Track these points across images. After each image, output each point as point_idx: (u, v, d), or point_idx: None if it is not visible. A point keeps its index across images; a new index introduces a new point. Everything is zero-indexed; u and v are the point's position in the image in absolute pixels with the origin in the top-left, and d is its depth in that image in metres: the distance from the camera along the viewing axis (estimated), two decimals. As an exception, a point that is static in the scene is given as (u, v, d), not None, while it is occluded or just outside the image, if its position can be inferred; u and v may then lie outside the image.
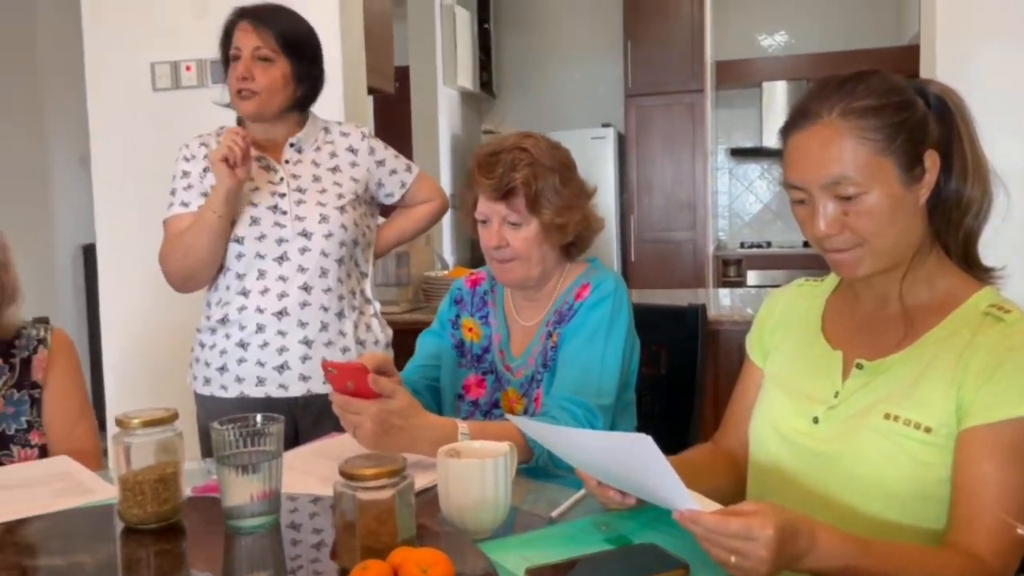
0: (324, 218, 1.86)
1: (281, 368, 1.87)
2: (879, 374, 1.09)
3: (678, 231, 5.56)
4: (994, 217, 1.10)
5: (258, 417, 1.09)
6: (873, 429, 1.06)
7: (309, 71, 1.90)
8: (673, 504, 0.94)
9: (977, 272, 1.12)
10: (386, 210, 2.14)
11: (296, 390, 1.87)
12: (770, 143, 5.86)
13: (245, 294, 1.87)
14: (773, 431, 1.17)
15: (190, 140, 1.96)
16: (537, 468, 1.35)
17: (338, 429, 1.35)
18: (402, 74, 4.42)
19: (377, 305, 2.05)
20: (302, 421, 1.87)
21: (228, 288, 1.89)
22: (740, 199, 6.17)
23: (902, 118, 1.04)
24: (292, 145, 1.92)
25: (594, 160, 5.38)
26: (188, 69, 2.80)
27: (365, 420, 1.23)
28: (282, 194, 1.87)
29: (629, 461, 0.98)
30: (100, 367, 2.97)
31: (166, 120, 2.83)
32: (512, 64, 6.30)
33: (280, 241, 1.85)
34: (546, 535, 1.07)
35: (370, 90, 3.12)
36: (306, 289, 1.86)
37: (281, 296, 1.85)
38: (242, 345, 1.87)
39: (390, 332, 2.06)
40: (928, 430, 1.03)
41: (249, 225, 1.85)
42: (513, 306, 1.64)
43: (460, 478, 1.05)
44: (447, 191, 2.13)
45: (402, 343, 1.98)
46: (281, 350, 1.86)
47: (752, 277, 5.54)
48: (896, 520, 1.05)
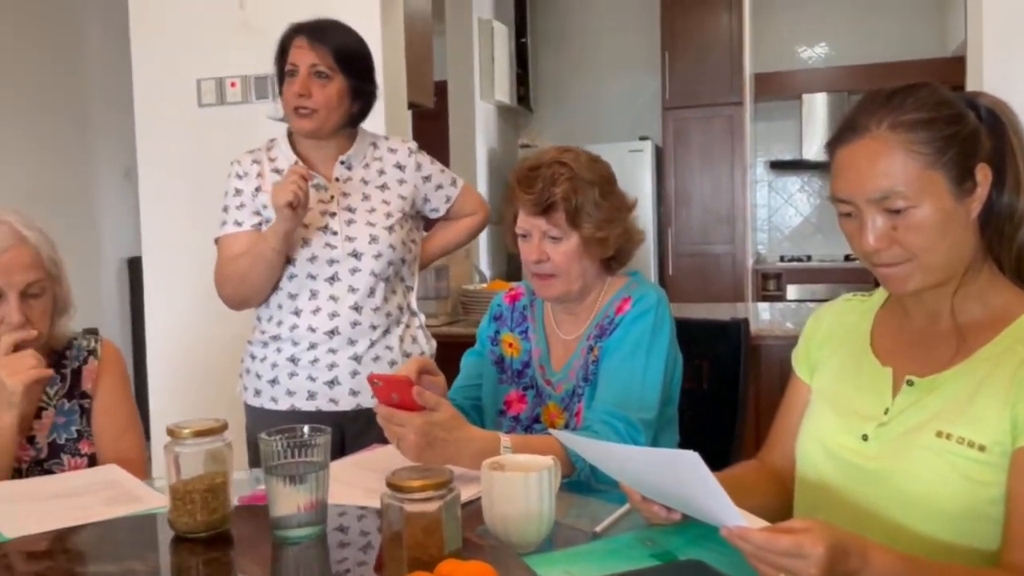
0: (374, 239, 1.87)
1: (331, 383, 1.89)
2: (930, 391, 1.07)
3: (716, 244, 5.52)
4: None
5: (305, 428, 1.10)
6: (924, 447, 1.04)
7: (364, 87, 1.90)
8: (721, 520, 0.93)
9: None
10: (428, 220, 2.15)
11: (346, 404, 1.89)
12: (810, 155, 5.81)
13: (297, 313, 1.88)
14: (820, 448, 1.16)
15: (241, 156, 1.97)
16: (579, 482, 1.34)
17: (382, 441, 1.36)
18: (440, 89, 4.45)
19: (422, 317, 2.06)
20: (349, 432, 1.89)
21: (280, 307, 1.91)
22: (779, 212, 6.11)
23: (953, 131, 1.03)
24: (342, 162, 1.92)
25: (631, 173, 5.37)
26: (233, 85, 2.86)
27: (409, 432, 1.24)
28: (332, 213, 1.89)
29: (675, 477, 0.97)
30: (144, 378, 3.02)
31: (211, 135, 2.89)
32: (549, 78, 6.32)
33: (331, 262, 1.87)
34: (590, 550, 1.06)
35: (410, 105, 3.15)
36: (356, 309, 1.87)
37: (332, 316, 1.87)
38: (293, 360, 1.90)
39: (434, 344, 2.06)
40: (982, 448, 1.01)
41: (301, 246, 1.86)
42: (553, 320, 1.64)
43: (505, 491, 1.05)
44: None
45: (441, 356, 1.98)
46: (331, 366, 1.88)
47: (792, 291, 5.48)
48: (948, 539, 1.03)
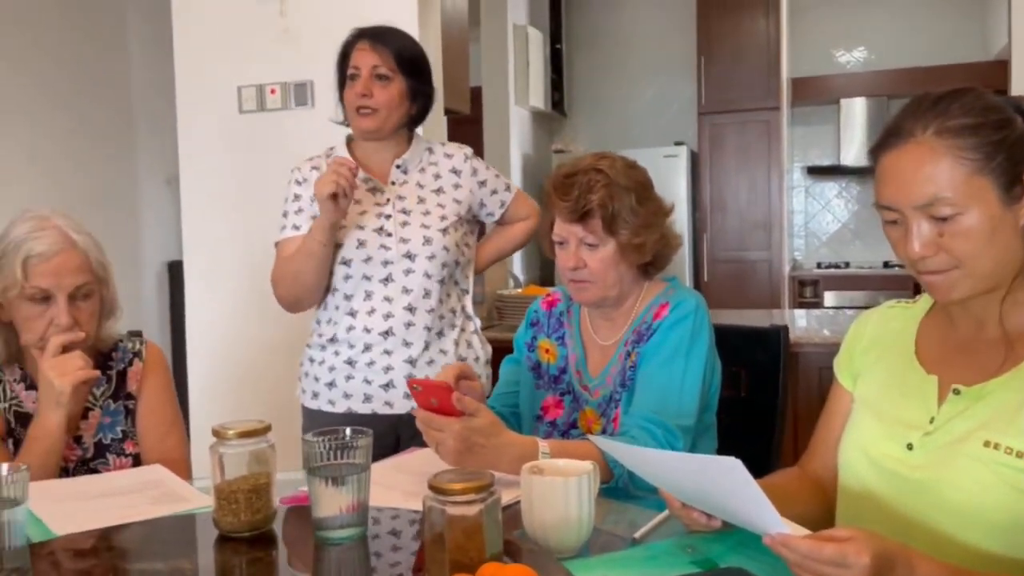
0: (428, 240, 1.90)
1: (387, 386, 1.91)
2: (977, 400, 1.06)
3: (752, 251, 5.47)
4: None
5: (347, 430, 1.11)
6: (972, 457, 1.02)
7: (422, 88, 1.95)
8: (763, 527, 0.93)
9: None
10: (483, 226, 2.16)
11: (400, 407, 1.90)
12: (848, 161, 5.75)
13: (353, 314, 1.92)
14: (864, 456, 1.14)
15: (301, 163, 2.02)
16: (617, 488, 1.34)
17: (422, 444, 1.37)
18: (475, 94, 4.47)
19: (477, 322, 2.06)
20: (404, 435, 1.90)
21: (337, 308, 1.94)
22: (817, 218, 6.05)
23: (1001, 137, 1.01)
24: (398, 166, 1.96)
25: (666, 179, 5.34)
26: (273, 92, 2.89)
27: (448, 437, 1.25)
28: (388, 216, 1.92)
29: (716, 483, 0.97)
30: (184, 380, 3.07)
31: (251, 141, 2.93)
32: (584, 83, 6.32)
33: (385, 263, 1.90)
34: (630, 556, 1.06)
35: (446, 111, 3.17)
36: (410, 310, 1.90)
37: (387, 317, 1.90)
38: (350, 363, 1.92)
39: (489, 349, 2.07)
40: (1031, 459, 0.99)
41: (356, 248, 1.90)
42: (590, 325, 1.64)
43: (544, 495, 1.05)
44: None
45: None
46: (387, 369, 1.91)
47: (829, 298, 5.42)
48: (994, 550, 1.01)
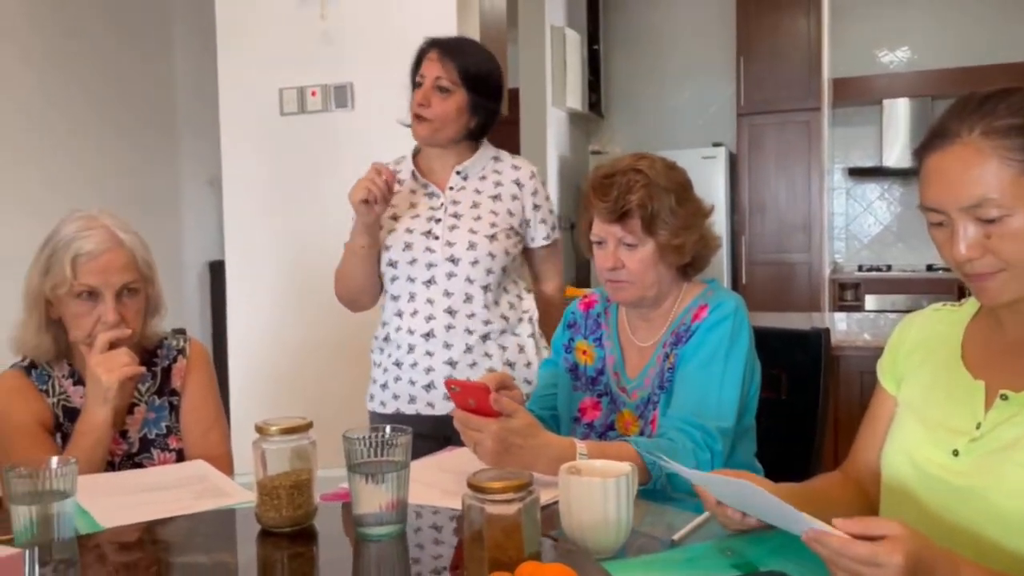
0: (472, 245, 1.91)
1: (428, 387, 1.93)
2: (1026, 405, 1.04)
3: (792, 253, 5.41)
4: None
5: (387, 428, 1.12)
6: (1019, 464, 1.00)
7: (485, 104, 1.96)
8: (796, 527, 0.92)
9: None
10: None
11: (441, 408, 1.91)
12: (891, 162, 5.66)
13: (399, 315, 1.95)
14: (908, 462, 1.13)
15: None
16: (655, 490, 1.34)
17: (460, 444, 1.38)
18: (512, 96, 4.48)
19: (535, 328, 2.05)
20: (454, 437, 1.90)
21: (386, 309, 1.99)
22: (858, 220, 5.96)
23: None
24: (458, 172, 1.98)
25: (704, 180, 5.30)
26: (313, 94, 2.93)
27: (486, 438, 1.26)
28: (438, 219, 1.94)
29: (741, 495, 0.97)
30: (225, 378, 3.12)
31: (292, 143, 2.97)
32: (621, 84, 6.30)
33: (429, 265, 1.92)
34: (669, 558, 1.06)
35: (484, 112, 3.18)
36: (451, 313, 1.91)
37: (428, 319, 1.92)
38: (397, 364, 1.96)
39: (545, 355, 2.06)
40: (1081, 466, 0.97)
41: (403, 250, 1.93)
42: (628, 327, 1.63)
43: (583, 496, 1.05)
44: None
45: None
46: (428, 370, 1.93)
47: (870, 302, 5.34)
48: (1043, 560, 0.99)
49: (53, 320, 1.57)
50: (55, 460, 1.08)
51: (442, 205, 1.96)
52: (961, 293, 2.20)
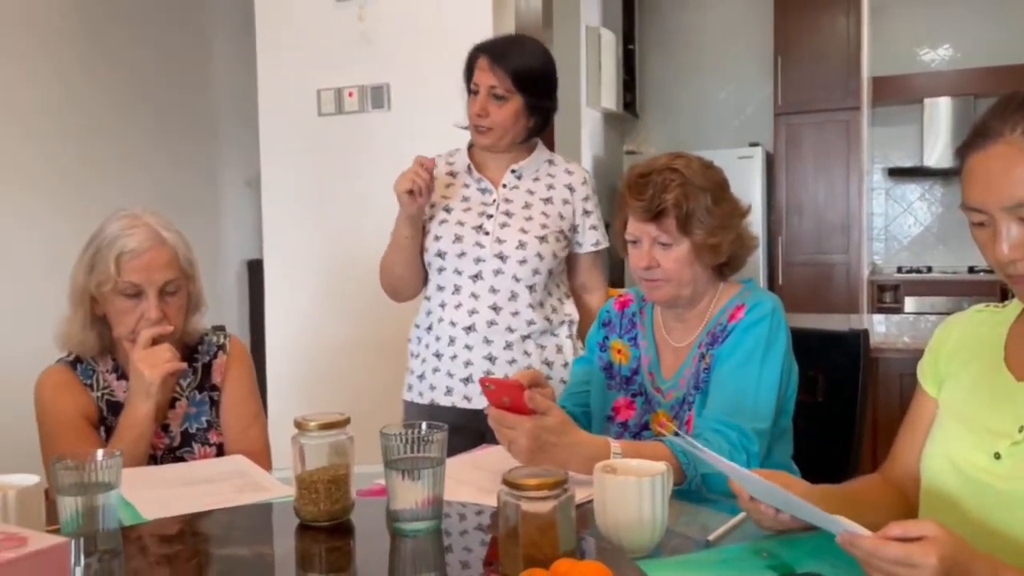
0: (522, 244, 1.93)
1: (466, 381, 1.95)
2: (1070, 409, 1.02)
3: (830, 254, 5.34)
4: None
5: (423, 425, 1.14)
6: (1064, 468, 0.99)
7: (541, 104, 1.97)
8: (827, 526, 0.92)
9: None
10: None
11: (477, 403, 1.92)
12: (931, 162, 5.57)
13: (443, 306, 1.97)
14: (949, 465, 1.11)
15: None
16: (690, 491, 1.33)
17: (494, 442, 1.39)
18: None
19: (574, 329, 2.05)
20: (488, 433, 1.91)
21: (430, 299, 2.02)
22: (897, 221, 5.87)
23: None
24: (513, 171, 2.00)
25: (740, 180, 5.25)
26: (350, 95, 2.96)
27: (520, 436, 1.26)
28: (490, 216, 1.96)
29: (775, 494, 0.96)
30: (263, 375, 3.16)
31: (329, 143, 3.00)
32: (656, 84, 6.26)
33: (477, 260, 1.94)
34: (704, 559, 1.05)
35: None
36: (494, 309, 1.93)
37: (471, 313, 1.94)
38: (437, 355, 1.98)
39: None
40: None
41: (453, 242, 1.95)
42: (663, 327, 1.62)
43: (618, 495, 1.05)
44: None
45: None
46: (467, 363, 1.95)
47: (910, 304, 5.26)
48: (1089, 566, 0.97)
49: (98, 316, 1.61)
50: (100, 453, 1.10)
51: (494, 202, 1.98)
52: (1003, 295, 2.16)
